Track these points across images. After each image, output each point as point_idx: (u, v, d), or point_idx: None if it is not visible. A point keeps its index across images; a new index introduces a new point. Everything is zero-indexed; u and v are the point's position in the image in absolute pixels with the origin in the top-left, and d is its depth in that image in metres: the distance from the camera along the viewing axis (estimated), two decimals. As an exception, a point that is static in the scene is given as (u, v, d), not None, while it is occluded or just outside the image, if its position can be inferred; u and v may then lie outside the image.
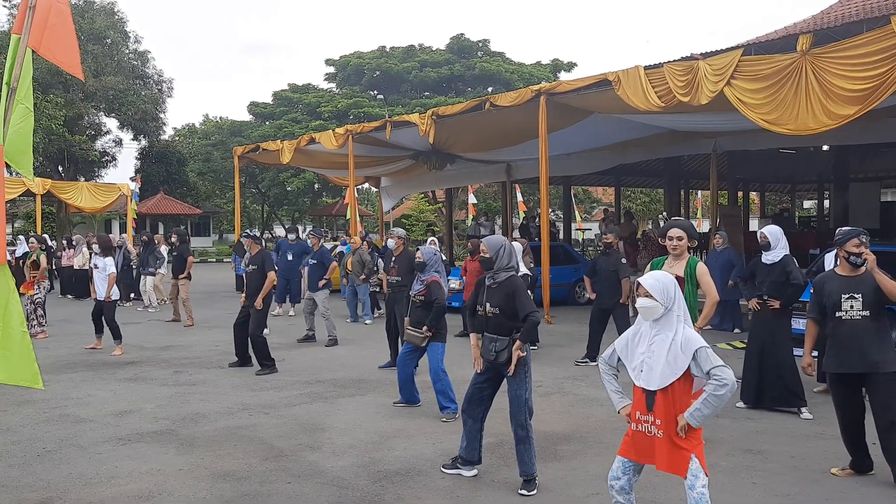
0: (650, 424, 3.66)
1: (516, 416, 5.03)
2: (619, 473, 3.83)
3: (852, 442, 5.23)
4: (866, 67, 8.48)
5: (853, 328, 5.09)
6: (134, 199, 24.69)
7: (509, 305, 5.00)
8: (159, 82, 40.48)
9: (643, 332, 3.78)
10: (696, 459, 3.61)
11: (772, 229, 7.24)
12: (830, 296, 5.20)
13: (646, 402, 3.67)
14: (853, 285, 5.14)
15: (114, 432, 6.48)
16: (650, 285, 3.71)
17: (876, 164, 20.21)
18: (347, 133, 17.08)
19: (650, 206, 44.56)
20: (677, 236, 5.94)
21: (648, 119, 12.97)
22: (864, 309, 5.07)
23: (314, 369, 9.33)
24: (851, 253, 5.16)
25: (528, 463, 4.99)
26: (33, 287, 12.38)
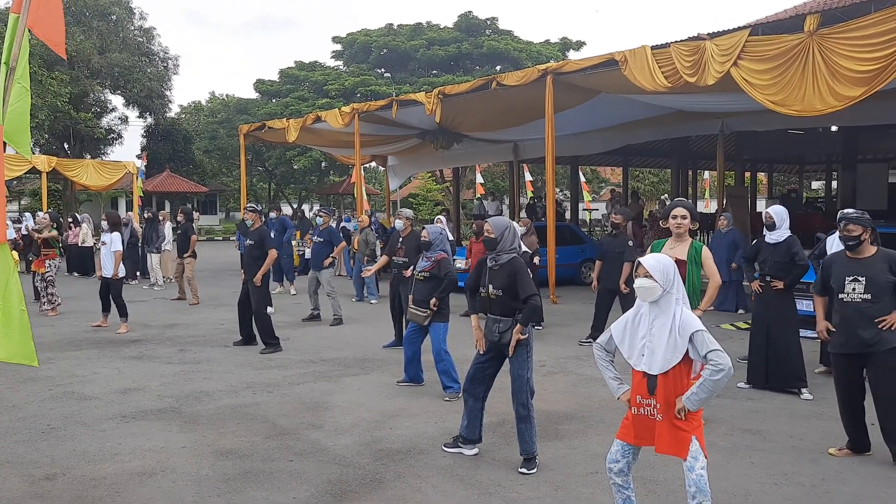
0: (651, 408, 3.67)
1: (518, 395, 5.07)
2: (619, 457, 3.84)
3: (852, 422, 5.26)
4: (873, 48, 8.39)
5: (855, 310, 5.13)
6: (140, 177, 24.71)
7: (512, 287, 5.02)
8: (165, 59, 40.37)
9: (643, 315, 3.77)
10: (696, 441, 3.62)
11: (777, 209, 7.22)
12: (836, 277, 5.25)
13: (647, 386, 3.67)
14: (858, 268, 5.17)
15: (118, 410, 6.55)
16: (650, 266, 3.69)
17: (884, 145, 20.05)
18: (353, 112, 17.03)
19: (658, 186, 44.36)
20: (681, 215, 5.94)
21: (655, 99, 12.89)
22: (866, 292, 5.10)
23: (318, 348, 9.38)
24: (842, 237, 5.26)
25: (528, 442, 5.04)
26: (44, 265, 12.47)
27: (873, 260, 5.18)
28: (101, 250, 10.85)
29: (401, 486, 4.76)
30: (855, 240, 5.19)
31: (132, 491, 4.70)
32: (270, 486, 4.75)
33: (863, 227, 5.19)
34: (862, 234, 5.19)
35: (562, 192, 33.91)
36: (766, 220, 7.17)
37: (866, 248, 5.22)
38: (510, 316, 5.03)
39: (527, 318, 4.99)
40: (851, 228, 5.19)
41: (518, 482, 4.81)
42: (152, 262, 16.28)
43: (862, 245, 5.21)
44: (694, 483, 3.59)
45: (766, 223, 7.18)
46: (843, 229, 5.23)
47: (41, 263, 12.53)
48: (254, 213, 9.61)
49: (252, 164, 39.54)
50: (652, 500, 4.50)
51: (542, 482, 4.81)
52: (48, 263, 12.46)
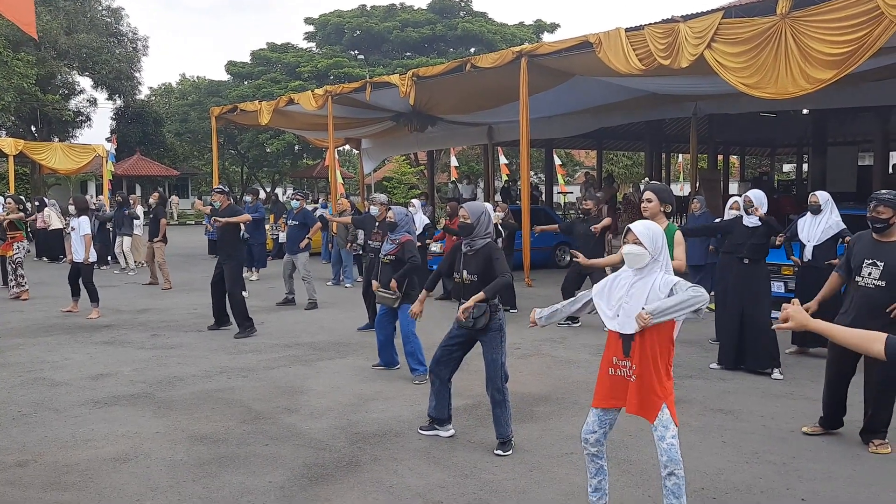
0: (627, 369, 3.68)
1: (493, 380, 5.07)
2: (595, 427, 3.85)
3: (835, 402, 5.25)
4: (844, 31, 8.46)
5: (865, 296, 4.99)
6: (110, 160, 24.28)
7: (487, 272, 5.03)
8: (134, 40, 39.59)
9: (622, 278, 3.78)
10: (667, 409, 3.65)
11: (756, 193, 7.32)
12: (856, 257, 5.10)
13: (622, 348, 3.69)
14: (878, 252, 5.00)
15: (90, 395, 6.47)
16: (640, 232, 3.69)
17: (854, 129, 20.29)
18: (327, 94, 16.87)
19: (632, 169, 44.53)
20: (647, 198, 5.96)
21: (630, 82, 12.91)
22: (881, 279, 4.93)
23: (293, 332, 9.34)
24: (870, 218, 5.04)
25: (504, 425, 5.06)
26: (12, 248, 12.28)
27: (889, 245, 4.97)
28: (70, 235, 10.69)
29: (377, 468, 4.77)
30: (883, 223, 4.97)
31: (105, 477, 4.65)
32: (246, 471, 4.73)
33: (893, 210, 4.95)
34: (892, 217, 4.96)
35: (536, 176, 33.95)
36: (746, 204, 7.24)
37: (893, 232, 4.99)
38: (484, 302, 5.04)
39: (493, 290, 4.96)
40: (881, 210, 4.95)
41: (494, 464, 4.83)
42: (123, 246, 16.06)
43: (890, 228, 4.98)
44: (665, 452, 3.62)
45: (745, 207, 7.25)
46: (872, 210, 4.98)
47: (8, 246, 12.32)
48: (221, 195, 9.59)
49: (224, 147, 39.06)
50: (626, 479, 4.56)
51: (517, 463, 4.84)
52: (16, 246, 12.28)
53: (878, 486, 4.43)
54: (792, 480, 4.52)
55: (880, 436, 5.06)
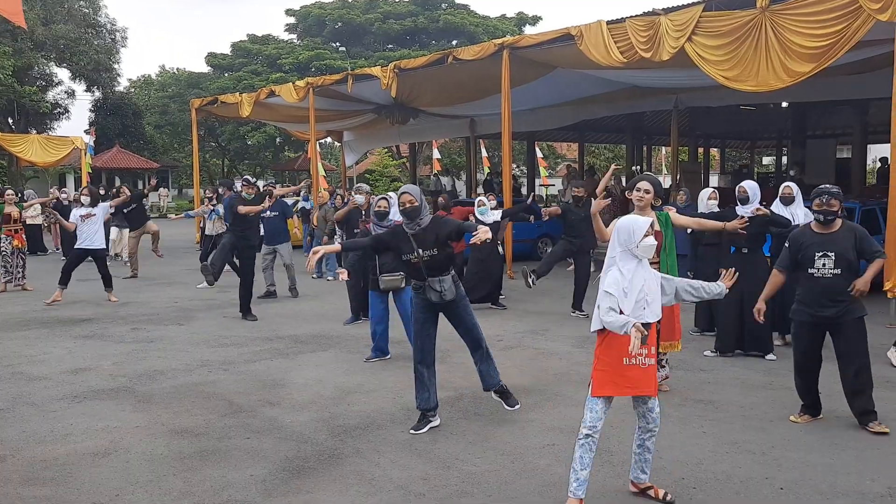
0: (643, 357, 3.88)
1: (480, 339, 5.49)
2: (602, 415, 3.99)
3: (808, 385, 5.37)
4: (823, 25, 8.54)
5: (825, 285, 5.14)
6: (88, 153, 23.99)
7: (443, 242, 5.21)
8: (112, 31, 39.15)
9: (633, 272, 3.93)
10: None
11: (751, 184, 7.42)
12: (805, 251, 5.24)
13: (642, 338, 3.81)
14: (826, 243, 5.17)
15: (69, 390, 6.41)
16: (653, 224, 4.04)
17: (832, 122, 20.52)
18: (308, 86, 16.77)
19: (614, 161, 44.74)
20: (645, 189, 5.89)
21: (611, 75, 12.94)
22: (836, 267, 5.12)
23: (275, 325, 9.29)
24: (815, 210, 5.25)
25: (496, 373, 5.56)
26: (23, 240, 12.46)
27: (840, 234, 5.17)
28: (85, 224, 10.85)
29: (359, 461, 4.76)
30: (833, 214, 5.17)
31: (85, 471, 4.61)
32: (227, 464, 4.71)
33: (840, 201, 5.18)
34: (839, 208, 5.19)
35: (518, 168, 34.00)
36: (740, 195, 7.32)
37: (836, 222, 5.23)
38: (447, 272, 5.22)
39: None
40: (833, 203, 5.13)
41: (475, 455, 4.84)
42: (116, 237, 15.94)
43: (835, 220, 5.21)
44: (654, 420, 4.05)
45: (739, 197, 7.34)
46: (824, 203, 5.14)
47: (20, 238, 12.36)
48: (252, 186, 10.12)
49: (204, 139, 38.73)
50: (608, 470, 4.58)
51: (499, 454, 4.85)
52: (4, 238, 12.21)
53: (856, 474, 4.48)
54: (771, 470, 4.56)
55: (873, 417, 5.22)
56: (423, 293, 5.27)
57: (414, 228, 5.23)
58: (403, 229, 5.29)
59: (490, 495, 4.25)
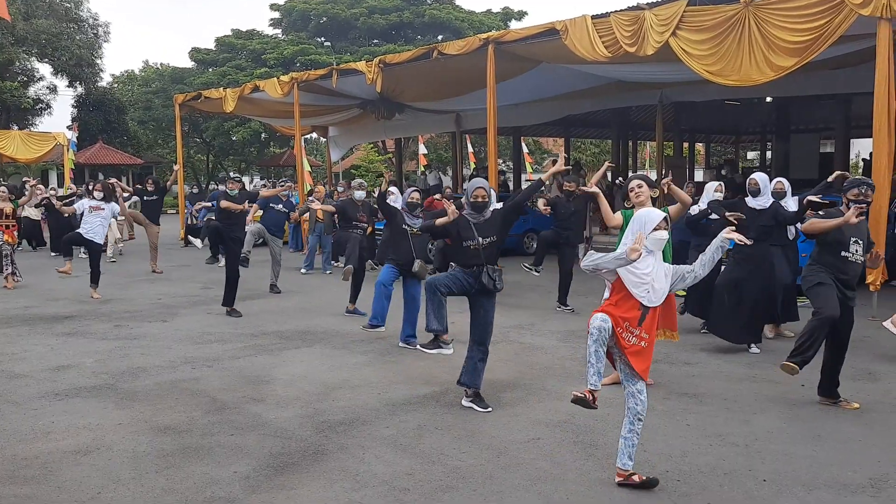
0: (634, 336, 4.09)
1: (488, 338, 5.74)
2: (606, 325, 4.04)
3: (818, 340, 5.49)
4: (806, 20, 8.59)
5: (854, 269, 5.56)
6: (71, 149, 23.76)
7: (502, 231, 5.78)
8: (95, 26, 38.65)
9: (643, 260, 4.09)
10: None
11: (762, 176, 7.57)
12: (840, 234, 5.52)
13: (639, 318, 4.09)
14: (856, 231, 5.53)
15: (50, 387, 6.34)
16: (666, 219, 4.21)
17: (815, 116, 20.64)
18: (293, 81, 16.69)
19: (600, 157, 44.79)
20: (637, 185, 6.14)
21: (596, 69, 12.96)
22: (863, 254, 5.57)
23: (259, 322, 9.24)
24: (850, 200, 5.53)
25: (481, 377, 5.74)
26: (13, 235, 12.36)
27: (864, 225, 5.64)
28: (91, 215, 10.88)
29: (343, 457, 4.74)
30: (869, 205, 5.68)
31: (66, 469, 4.57)
32: (210, 461, 4.68)
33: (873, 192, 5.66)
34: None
35: (504, 164, 33.97)
36: (752, 187, 7.46)
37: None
38: (495, 262, 5.71)
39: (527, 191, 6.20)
40: (871, 194, 5.54)
41: (461, 450, 4.84)
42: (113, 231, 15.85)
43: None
44: (641, 403, 4.16)
45: (750, 189, 7.47)
46: (862, 193, 5.48)
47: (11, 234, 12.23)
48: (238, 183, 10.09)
49: (189, 135, 38.43)
50: (592, 463, 4.59)
51: (484, 449, 4.85)
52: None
53: (837, 465, 4.51)
54: (754, 462, 4.59)
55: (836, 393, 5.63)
56: (472, 277, 5.64)
57: (478, 219, 5.71)
58: (466, 218, 5.73)
59: (475, 490, 4.24)
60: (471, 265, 5.69)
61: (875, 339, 7.34)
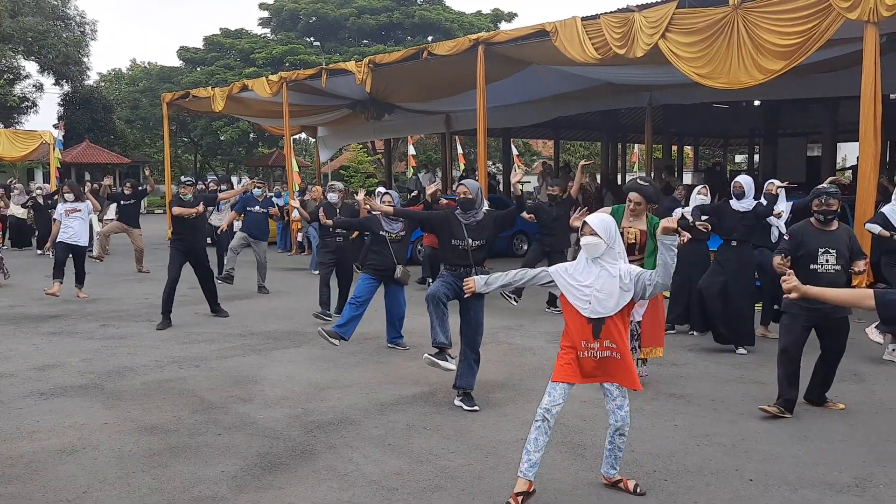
0: (596, 350, 3.95)
1: (478, 340, 5.74)
2: (560, 400, 4.02)
3: (791, 380, 5.42)
4: (794, 23, 8.64)
5: (827, 282, 5.17)
6: (57, 147, 23.56)
7: (494, 234, 5.79)
8: (81, 24, 38.45)
9: (582, 267, 4.01)
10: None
11: (746, 179, 7.65)
12: (807, 247, 5.39)
13: (592, 331, 3.94)
14: (828, 241, 5.39)
15: (36, 387, 6.29)
16: (595, 224, 3.97)
17: (803, 120, 20.75)
18: (281, 80, 16.63)
19: (589, 159, 44.94)
20: (636, 200, 5.87)
21: (586, 71, 12.99)
22: (837, 263, 5.36)
23: (247, 322, 9.21)
24: (814, 211, 5.49)
25: (474, 379, 5.74)
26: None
27: (839, 233, 5.44)
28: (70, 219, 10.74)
29: (332, 456, 4.73)
30: (833, 213, 5.43)
31: (52, 469, 4.53)
32: (197, 461, 4.65)
33: (839, 201, 5.46)
34: (838, 207, 5.45)
35: (494, 165, 34.01)
36: (736, 189, 7.53)
37: (833, 222, 5.47)
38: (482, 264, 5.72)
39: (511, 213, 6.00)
40: (832, 203, 5.41)
41: (449, 450, 4.83)
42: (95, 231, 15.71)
43: (835, 219, 5.47)
44: (622, 419, 4.06)
45: (735, 192, 7.53)
46: (823, 203, 5.40)
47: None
48: (192, 187, 9.49)
49: (176, 134, 38.26)
50: (580, 464, 4.60)
51: (473, 449, 4.85)
52: None
53: (823, 465, 4.54)
54: (741, 461, 4.61)
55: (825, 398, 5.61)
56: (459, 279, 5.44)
57: (469, 220, 5.68)
58: (457, 217, 5.70)
59: (464, 489, 4.24)
60: (458, 266, 5.68)
61: (861, 340, 7.38)
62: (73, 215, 10.79)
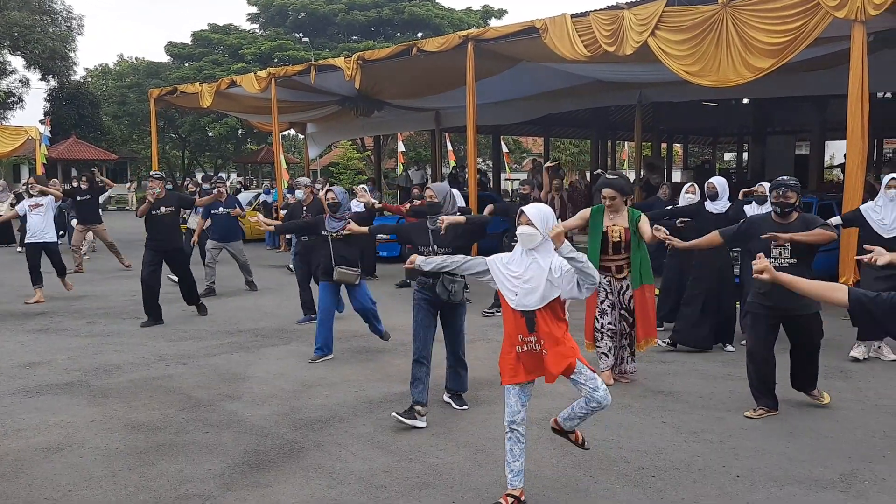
0: (534, 344, 3.90)
1: (460, 347, 5.59)
2: (518, 406, 3.97)
3: (762, 379, 5.39)
4: (783, 21, 8.66)
5: None
6: (44, 143, 23.39)
7: (461, 243, 5.36)
8: (68, 18, 38.10)
9: (517, 259, 3.96)
10: (581, 363, 3.90)
11: (720, 180, 7.59)
12: (762, 241, 5.31)
13: (526, 325, 3.89)
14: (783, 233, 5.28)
15: (21, 384, 6.24)
16: (532, 214, 3.89)
17: (791, 118, 20.86)
18: (270, 76, 16.55)
19: (579, 156, 45.01)
20: (609, 196, 5.97)
21: (576, 68, 12.99)
22: (792, 257, 5.26)
23: (236, 319, 9.17)
24: (773, 203, 5.41)
25: (465, 381, 5.70)
26: None
27: (796, 225, 5.31)
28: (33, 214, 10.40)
29: (320, 454, 4.71)
30: (791, 206, 5.32)
31: (37, 467, 4.50)
32: (184, 459, 4.63)
33: (797, 193, 5.35)
34: (796, 200, 5.35)
35: (484, 162, 34.02)
36: (710, 191, 7.48)
37: (792, 213, 5.36)
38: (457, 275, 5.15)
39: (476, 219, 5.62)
40: (790, 195, 5.30)
41: (438, 447, 4.83)
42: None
43: (793, 211, 5.35)
44: (602, 399, 3.86)
45: (709, 194, 7.47)
46: (780, 195, 5.31)
47: None
48: (160, 181, 9.12)
49: (164, 130, 38.03)
50: (569, 460, 4.60)
51: (461, 446, 4.85)
52: None
53: (810, 461, 4.56)
54: (728, 458, 4.62)
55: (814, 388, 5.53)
56: (429, 290, 5.32)
57: (434, 224, 5.39)
58: (426, 223, 5.52)
59: (452, 487, 4.23)
60: (424, 277, 5.35)
61: (847, 337, 7.43)
62: (35, 210, 10.41)
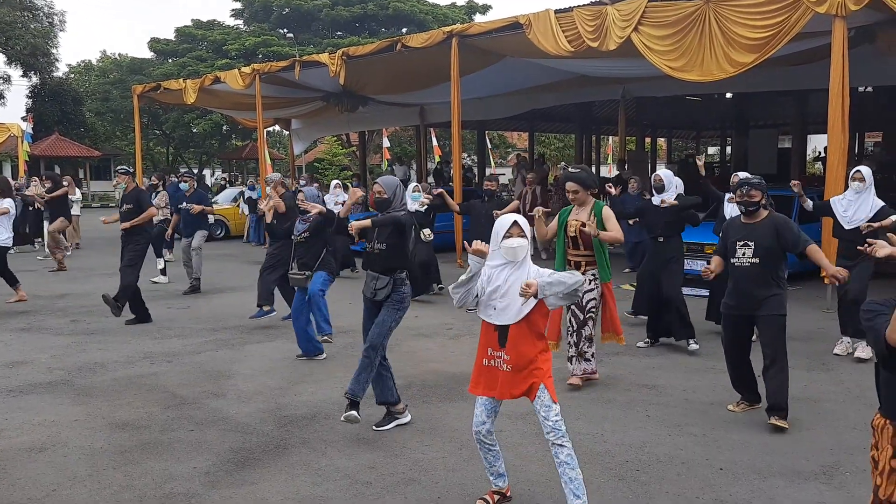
0: (501, 360, 3.76)
1: (374, 338, 5.02)
2: (484, 417, 3.88)
3: (739, 377, 5.42)
4: (764, 16, 8.72)
5: (744, 274, 5.16)
6: (26, 140, 23.19)
7: (395, 244, 5.07)
8: (50, 15, 37.75)
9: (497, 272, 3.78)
10: (546, 389, 3.72)
11: (666, 172, 7.57)
12: (729, 241, 5.31)
13: (498, 339, 3.76)
14: (747, 233, 5.23)
15: (4, 384, 6.20)
16: (525, 226, 3.77)
17: (774, 112, 21.05)
18: (254, 72, 16.47)
19: (563, 151, 45.14)
20: (572, 189, 5.95)
21: (560, 64, 13.01)
22: (755, 256, 5.15)
23: (220, 316, 9.14)
24: (737, 202, 5.35)
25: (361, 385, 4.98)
26: None
27: (763, 224, 5.22)
28: None
29: (305, 451, 4.71)
30: (755, 205, 5.23)
31: (21, 467, 4.47)
32: (169, 457, 4.62)
33: (762, 192, 5.25)
34: (761, 199, 5.26)
35: (469, 158, 34.01)
36: (656, 183, 7.40)
37: (759, 213, 5.28)
38: (388, 275, 5.05)
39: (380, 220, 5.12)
40: (753, 194, 5.21)
41: (423, 443, 4.84)
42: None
43: (758, 210, 5.26)
44: (552, 429, 3.68)
45: (655, 187, 7.40)
46: (745, 194, 5.22)
47: None
48: (126, 176, 9.01)
49: (148, 127, 37.79)
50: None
51: (446, 442, 4.86)
52: None
53: (792, 454, 4.61)
54: (711, 451, 4.67)
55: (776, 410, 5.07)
56: (366, 283, 5.18)
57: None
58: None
59: (437, 482, 4.25)
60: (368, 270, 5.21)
61: (829, 330, 7.51)
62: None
